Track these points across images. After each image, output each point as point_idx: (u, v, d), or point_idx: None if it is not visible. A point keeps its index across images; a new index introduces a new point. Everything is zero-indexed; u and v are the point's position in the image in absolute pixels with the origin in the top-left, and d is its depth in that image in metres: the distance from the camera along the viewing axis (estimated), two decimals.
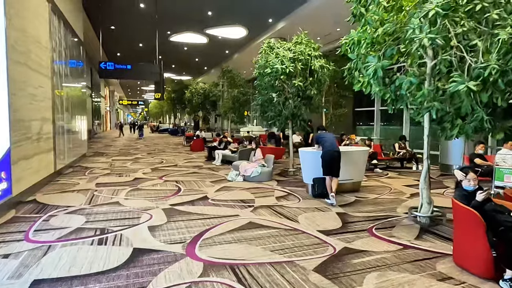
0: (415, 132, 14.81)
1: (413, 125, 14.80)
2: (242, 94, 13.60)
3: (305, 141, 12.26)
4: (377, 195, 6.18)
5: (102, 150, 15.01)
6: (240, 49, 23.33)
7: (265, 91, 8.05)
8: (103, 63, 13.69)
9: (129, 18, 17.14)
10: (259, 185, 7.08)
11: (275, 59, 7.38)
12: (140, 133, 24.27)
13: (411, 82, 4.01)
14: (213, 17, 17.08)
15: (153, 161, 11.17)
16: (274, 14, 16.93)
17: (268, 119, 8.07)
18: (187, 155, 13.19)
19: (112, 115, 49.13)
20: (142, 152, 14.00)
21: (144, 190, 6.51)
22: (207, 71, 32.81)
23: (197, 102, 19.44)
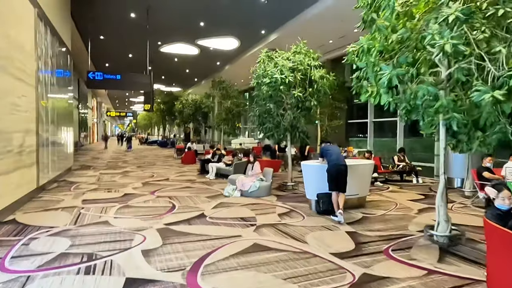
0: (410, 144, 14.72)
1: (408, 137, 14.73)
2: (235, 106, 13.28)
3: (301, 154, 11.95)
4: (384, 211, 5.86)
5: (89, 163, 14.40)
6: (232, 61, 23.15)
7: (263, 102, 7.73)
8: (92, 73, 13.22)
9: (119, 28, 16.79)
10: (258, 201, 6.68)
11: (274, 69, 7.10)
12: (128, 145, 23.41)
13: (429, 91, 3.74)
14: (205, 28, 16.87)
15: (143, 174, 10.66)
16: (267, 26, 16.83)
17: (266, 131, 7.74)
18: (179, 168, 12.72)
19: (100, 127, 48.17)
20: (131, 165, 13.45)
21: (135, 208, 6.04)
22: (198, 82, 32.50)
23: (188, 114, 19.02)
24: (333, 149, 5.49)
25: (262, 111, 7.71)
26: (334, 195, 5.24)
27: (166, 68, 25.39)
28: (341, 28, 15.15)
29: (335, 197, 5.22)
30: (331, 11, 13.06)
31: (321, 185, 5.63)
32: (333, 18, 14.26)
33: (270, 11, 14.83)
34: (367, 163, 6.31)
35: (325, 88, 7.39)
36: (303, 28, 16.43)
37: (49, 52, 8.28)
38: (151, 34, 15.81)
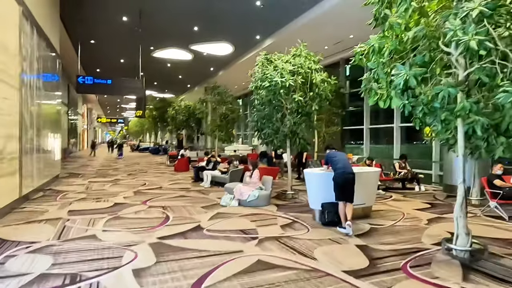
0: (406, 150, 14.50)
1: (404, 144, 14.53)
2: (230, 111, 12.93)
3: (298, 161, 11.56)
4: (392, 222, 5.52)
5: (78, 170, 13.84)
6: (226, 66, 22.86)
7: (261, 107, 7.40)
8: (81, 77, 12.78)
9: (111, 32, 16.38)
10: (257, 211, 6.30)
11: (274, 72, 6.78)
12: (119, 152, 22.92)
13: (450, 93, 3.44)
14: (199, 33, 16.58)
15: (135, 183, 10.19)
16: (261, 31, 16.61)
17: (265, 137, 7.38)
18: (172, 176, 12.26)
19: (90, 133, 47.31)
20: (122, 173, 12.95)
21: (126, 219, 5.60)
22: (191, 88, 32.13)
23: (181, 120, 18.60)
24: (339, 156, 5.15)
25: (260, 116, 7.36)
26: (341, 205, 4.89)
27: (159, 74, 24.99)
28: (337, 33, 15.02)
29: (342, 207, 4.87)
30: (327, 16, 12.90)
31: (326, 194, 5.28)
32: (329, 24, 14.13)
33: (265, 16, 14.61)
34: (373, 171, 5.99)
35: (326, 93, 7.09)
36: (298, 34, 16.15)
37: (35, 53, 7.85)
38: (143, 39, 15.45)
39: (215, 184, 9.67)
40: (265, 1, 12.83)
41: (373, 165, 8.85)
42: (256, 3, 12.75)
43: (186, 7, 13.56)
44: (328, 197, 5.24)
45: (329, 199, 5.24)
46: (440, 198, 7.83)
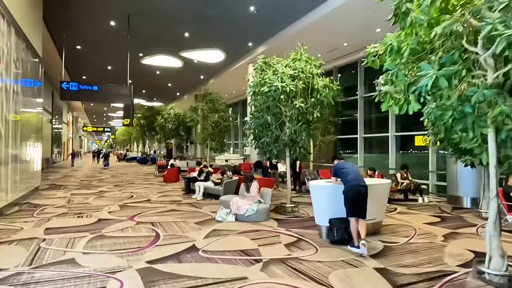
0: (402, 160, 14.22)
1: (400, 152, 14.26)
2: (222, 120, 12.41)
3: (293, 171, 11.08)
4: (405, 239, 5.06)
5: (60, 181, 13.04)
6: (217, 74, 22.42)
7: (259, 114, 6.92)
8: (65, 83, 12.10)
9: (98, 37, 15.79)
10: (257, 227, 5.76)
11: (274, 76, 6.33)
12: (105, 162, 21.89)
13: (485, 96, 3.02)
14: (190, 39, 16.14)
15: (121, 195, 9.52)
16: (254, 38, 16.28)
17: (263, 146, 6.88)
18: (161, 187, 11.61)
19: (75, 142, 46.00)
20: (107, 184, 12.22)
21: (111, 238, 4.98)
22: (180, 97, 31.55)
23: (171, 129, 17.97)
24: (349, 168, 4.68)
25: (258, 124, 6.87)
26: (353, 222, 4.41)
27: (147, 82, 24.37)
28: (331, 41, 14.79)
29: (354, 224, 4.39)
30: (321, 24, 12.66)
31: (334, 209, 4.81)
32: (323, 31, 13.89)
33: (258, 23, 14.28)
34: (384, 183, 5.54)
35: (328, 99, 6.67)
36: (291, 41, 15.72)
37: (12, 55, 7.22)
38: (131, 45, 14.89)
39: (208, 196, 9.10)
40: (259, 7, 12.52)
41: (375, 176, 8.43)
42: (250, 8, 12.40)
43: (177, 12, 13.13)
44: (336, 212, 4.76)
45: (337, 214, 4.77)
46: (447, 211, 7.43)
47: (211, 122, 12.29)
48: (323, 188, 5.11)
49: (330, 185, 4.95)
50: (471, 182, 7.83)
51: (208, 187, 9.06)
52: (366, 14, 11.77)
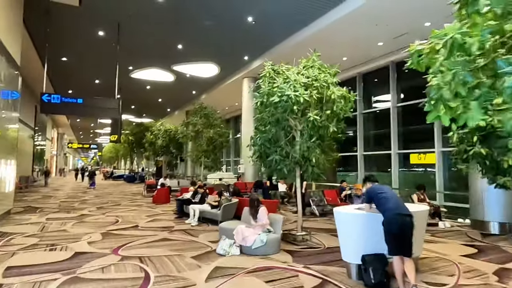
0: (404, 177, 13.50)
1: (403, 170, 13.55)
2: (218, 135, 11.51)
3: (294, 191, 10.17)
4: (452, 278, 4.16)
5: (38, 203, 11.79)
6: (209, 89, 21.67)
7: (266, 128, 6.05)
8: (47, 95, 11.06)
9: (85, 47, 14.91)
10: (268, 262, 4.78)
11: (285, 84, 5.52)
12: (91, 181, 20.06)
13: None
14: (183, 52, 15.40)
15: (105, 220, 8.41)
16: (250, 51, 15.64)
17: (272, 165, 5.98)
18: (150, 209, 10.51)
19: (60, 160, 44.23)
20: (90, 206, 11.06)
21: (88, 282, 3.95)
22: (170, 113, 30.63)
23: (161, 145, 16.93)
24: (388, 192, 3.80)
25: (265, 139, 5.99)
26: (397, 261, 3.51)
27: (137, 96, 23.45)
28: (330, 54, 14.23)
29: (399, 264, 3.49)
30: (320, 35, 12.11)
31: (367, 243, 3.91)
32: (323, 44, 13.34)
33: (255, 35, 13.66)
34: (423, 209, 4.67)
35: (346, 111, 5.87)
36: (289, 54, 15.15)
37: None
38: (121, 57, 14.03)
39: (203, 220, 8.09)
40: (257, 17, 11.90)
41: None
42: (248, 19, 11.75)
43: (170, 22, 12.41)
44: (371, 247, 3.86)
45: (371, 249, 3.87)
46: (477, 238, 6.59)
47: (206, 138, 11.35)
48: (354, 217, 4.20)
49: (363, 214, 4.06)
50: (500, 205, 7.05)
51: (204, 210, 8.06)
52: (366, 28, 11.30)
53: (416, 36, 5.68)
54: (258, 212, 5.49)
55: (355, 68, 15.28)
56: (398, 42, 11.65)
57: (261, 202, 5.75)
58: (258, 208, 5.54)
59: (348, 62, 15.23)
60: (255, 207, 5.59)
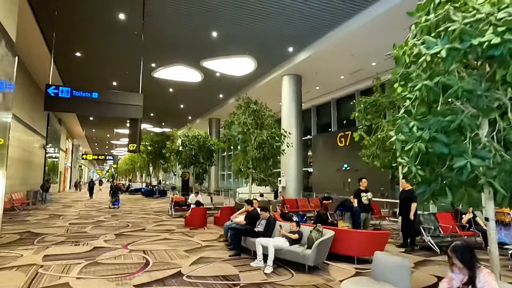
0: None
1: None
2: (274, 139, 8.72)
3: (403, 217, 6.88)
4: None
5: (40, 227, 9.16)
6: (240, 91, 19.08)
7: (441, 107, 3.20)
8: (53, 88, 8.59)
9: (102, 39, 12.58)
10: None
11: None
12: (114, 199, 15.15)
13: None
14: (216, 43, 12.89)
15: (130, 259, 5.67)
16: (294, 42, 12.99)
17: (459, 177, 3.10)
18: (187, 237, 7.73)
19: (74, 172, 42.25)
20: (106, 231, 8.37)
21: None
22: (192, 121, 28.21)
23: (190, 154, 14.26)
24: None
25: (441, 126, 3.14)
26: None
27: (157, 102, 21.07)
28: None
29: None
30: (385, 19, 9.55)
31: None
32: (380, 36, 10.73)
33: (304, 21, 11.09)
34: None
35: None
36: (342, 44, 12.64)
37: None
38: (143, 51, 11.58)
39: (278, 262, 5.26)
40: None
41: None
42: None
43: (203, 8, 9.98)
44: None
45: None
46: None
47: (256, 142, 8.58)
48: None
49: None
50: None
51: (281, 248, 5.22)
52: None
53: None
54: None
55: None
56: None
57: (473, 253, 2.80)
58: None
59: None
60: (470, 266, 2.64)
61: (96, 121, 29.07)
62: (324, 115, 20.92)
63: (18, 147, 15.22)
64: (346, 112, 19.24)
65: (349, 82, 16.96)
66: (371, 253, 5.41)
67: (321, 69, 15.03)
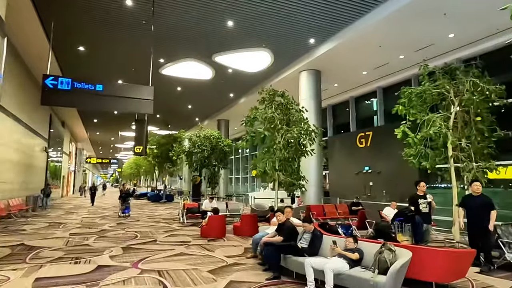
0: None
1: None
2: (305, 136, 7.52)
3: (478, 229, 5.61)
4: None
5: (35, 239, 7.99)
6: (252, 90, 17.95)
7: None
8: (51, 78, 7.49)
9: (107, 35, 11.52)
10: None
11: None
12: (124, 206, 13.21)
13: None
14: (230, 34, 11.79)
15: (139, 282, 4.50)
16: (313, 34, 11.83)
17: None
18: (206, 252, 6.54)
19: (78, 176, 41.23)
20: (111, 244, 7.21)
21: None
22: (197, 123, 27.06)
23: (203, 156, 13.08)
24: None
25: None
26: None
27: (164, 102, 19.89)
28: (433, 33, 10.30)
29: None
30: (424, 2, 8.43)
31: None
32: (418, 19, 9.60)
33: (327, 9, 9.98)
34: None
35: None
36: (371, 34, 11.46)
37: None
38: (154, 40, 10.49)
39: None
40: None
41: None
42: None
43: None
44: None
45: None
46: None
47: (285, 140, 7.39)
48: None
49: None
50: None
51: (339, 271, 4.02)
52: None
53: None
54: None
55: None
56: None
57: None
58: None
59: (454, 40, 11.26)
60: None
61: (100, 123, 28.06)
62: (341, 115, 19.70)
63: (18, 149, 14.15)
64: (366, 111, 18.04)
65: (371, 78, 15.76)
66: (451, 277, 4.21)
67: (343, 63, 13.87)
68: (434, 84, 7.35)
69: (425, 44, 11.64)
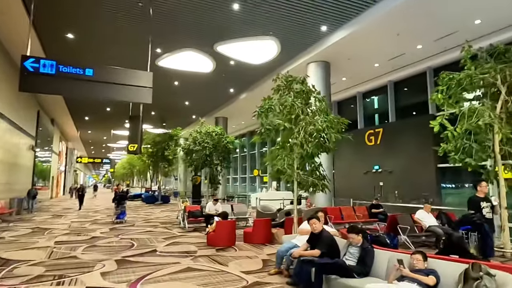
0: None
1: None
2: (332, 127, 6.45)
3: None
4: None
5: (15, 248, 6.81)
6: (254, 84, 16.88)
7: None
8: (32, 60, 6.33)
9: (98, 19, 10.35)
10: None
11: None
12: (119, 210, 11.71)
13: None
14: (233, 21, 10.72)
15: None
16: (328, 20, 10.80)
17: None
18: (219, 266, 5.43)
19: (69, 177, 39.70)
20: (103, 255, 6.07)
21: None
22: (195, 120, 25.90)
23: (204, 154, 11.95)
24: None
25: None
26: None
27: (161, 98, 18.59)
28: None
29: None
30: None
31: None
32: None
33: None
34: None
35: None
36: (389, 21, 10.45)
37: None
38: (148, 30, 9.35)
39: None
40: None
41: None
42: None
43: None
44: None
45: None
46: None
47: (308, 133, 6.33)
48: None
49: None
50: None
51: None
52: None
53: None
54: None
55: None
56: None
57: None
58: None
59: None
60: None
61: (92, 121, 26.70)
62: (347, 111, 18.70)
63: (1, 147, 12.90)
64: (378, 107, 17.09)
65: (382, 71, 14.79)
66: None
67: (355, 54, 12.85)
68: (480, 67, 6.35)
69: (449, 31, 10.67)
